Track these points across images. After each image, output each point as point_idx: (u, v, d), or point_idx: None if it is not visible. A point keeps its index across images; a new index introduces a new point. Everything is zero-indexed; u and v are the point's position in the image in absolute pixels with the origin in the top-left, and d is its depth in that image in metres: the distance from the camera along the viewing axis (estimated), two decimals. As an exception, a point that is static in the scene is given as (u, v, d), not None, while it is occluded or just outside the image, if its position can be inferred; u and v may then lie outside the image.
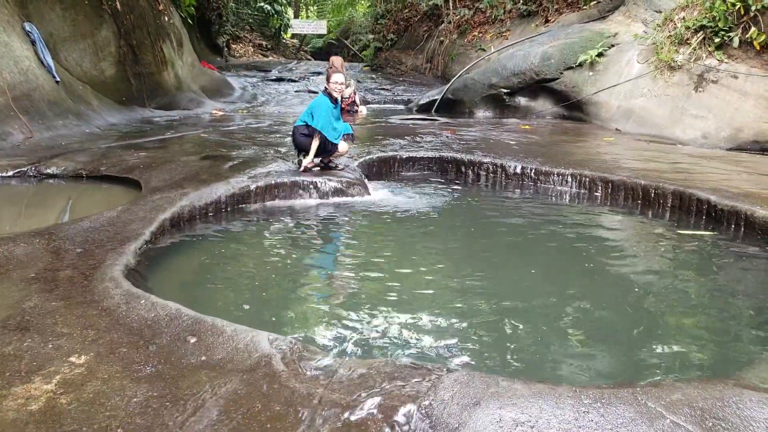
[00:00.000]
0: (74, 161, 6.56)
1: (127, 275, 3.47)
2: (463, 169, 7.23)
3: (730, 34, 9.15)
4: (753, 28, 8.74)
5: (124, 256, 3.71)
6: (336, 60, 11.52)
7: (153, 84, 11.51)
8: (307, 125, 6.08)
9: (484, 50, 14.84)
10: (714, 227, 5.16)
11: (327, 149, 6.22)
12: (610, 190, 6.21)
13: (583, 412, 2.17)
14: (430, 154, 7.50)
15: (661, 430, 2.10)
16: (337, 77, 6.07)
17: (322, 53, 27.81)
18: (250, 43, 25.63)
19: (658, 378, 2.83)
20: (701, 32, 9.55)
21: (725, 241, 4.88)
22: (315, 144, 6.05)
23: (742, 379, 2.46)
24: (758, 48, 8.81)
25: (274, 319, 3.44)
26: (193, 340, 2.68)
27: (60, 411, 2.17)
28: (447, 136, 8.86)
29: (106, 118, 9.79)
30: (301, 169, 6.06)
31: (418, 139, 8.50)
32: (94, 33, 10.26)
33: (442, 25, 17.13)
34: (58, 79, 9.06)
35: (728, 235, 4.98)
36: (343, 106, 6.47)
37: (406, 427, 2.11)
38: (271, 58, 24.48)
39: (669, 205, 5.68)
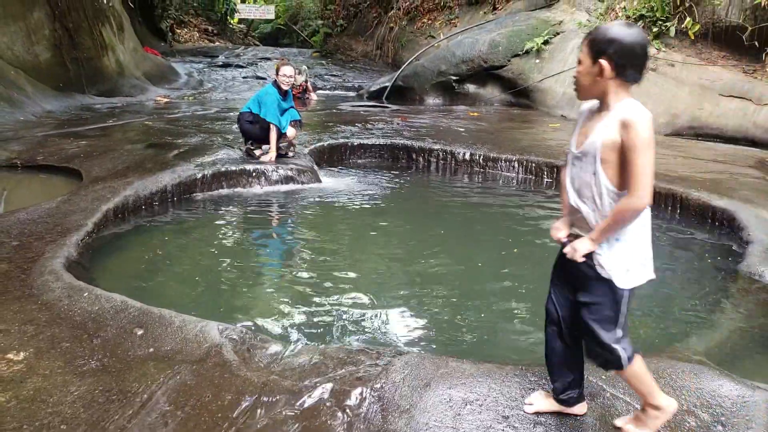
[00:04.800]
0: (7, 150, 6.25)
1: (69, 268, 3.35)
2: (413, 156, 7.27)
3: (667, 23, 9.50)
4: (688, 18, 9.08)
5: (65, 248, 3.58)
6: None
7: (92, 69, 11.03)
8: (252, 112, 6.05)
9: (433, 37, 14.90)
10: (653, 209, 5.37)
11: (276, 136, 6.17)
12: (555, 176, 6.38)
13: (529, 389, 2.25)
14: (381, 141, 7.51)
15: (602, 404, 2.20)
16: (286, 70, 6.03)
17: (271, 39, 27.30)
18: (196, 28, 24.88)
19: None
20: (641, 21, 9.86)
21: (662, 222, 5.09)
22: (273, 137, 6.00)
23: (676, 352, 2.60)
24: (692, 37, 9.18)
25: (224, 309, 3.40)
26: (140, 332, 2.63)
27: (-1, 409, 2.09)
28: (398, 124, 8.88)
29: (42, 105, 9.34)
30: (263, 158, 6.04)
31: (369, 126, 8.50)
32: (26, 15, 9.73)
33: (392, 12, 17.06)
34: (-13, 63, 8.59)
35: (665, 217, 5.20)
36: (294, 93, 6.39)
37: (358, 411, 2.13)
38: (217, 43, 23.85)
39: (611, 188, 5.88)
